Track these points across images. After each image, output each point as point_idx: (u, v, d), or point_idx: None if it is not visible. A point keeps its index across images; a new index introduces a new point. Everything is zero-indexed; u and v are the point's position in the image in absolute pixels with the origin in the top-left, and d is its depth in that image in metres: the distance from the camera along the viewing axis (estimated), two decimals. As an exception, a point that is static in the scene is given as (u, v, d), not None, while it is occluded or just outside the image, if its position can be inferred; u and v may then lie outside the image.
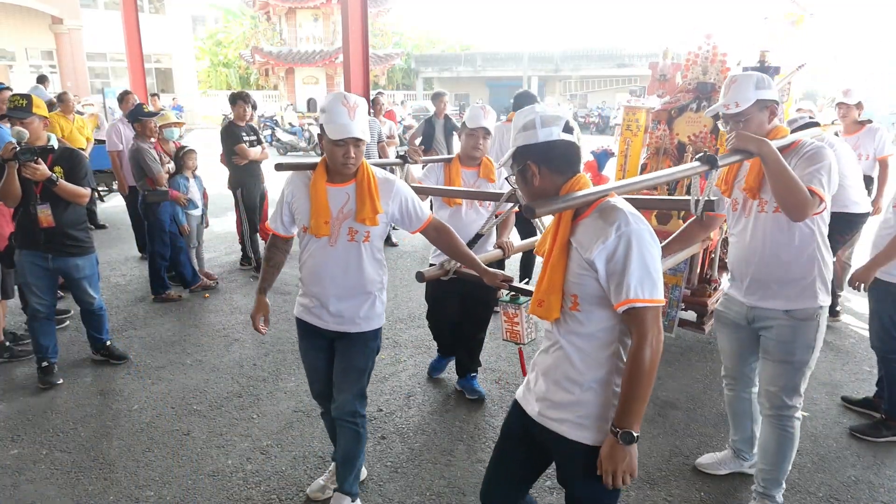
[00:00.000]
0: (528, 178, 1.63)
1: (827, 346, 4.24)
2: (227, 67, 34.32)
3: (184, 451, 2.99)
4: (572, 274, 1.59)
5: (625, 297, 1.49)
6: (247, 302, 5.08)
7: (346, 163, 2.18)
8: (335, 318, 2.36)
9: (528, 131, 1.62)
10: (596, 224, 1.55)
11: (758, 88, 2.27)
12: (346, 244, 2.28)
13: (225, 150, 5.54)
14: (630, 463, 1.54)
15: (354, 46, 7.92)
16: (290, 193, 2.36)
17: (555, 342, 1.68)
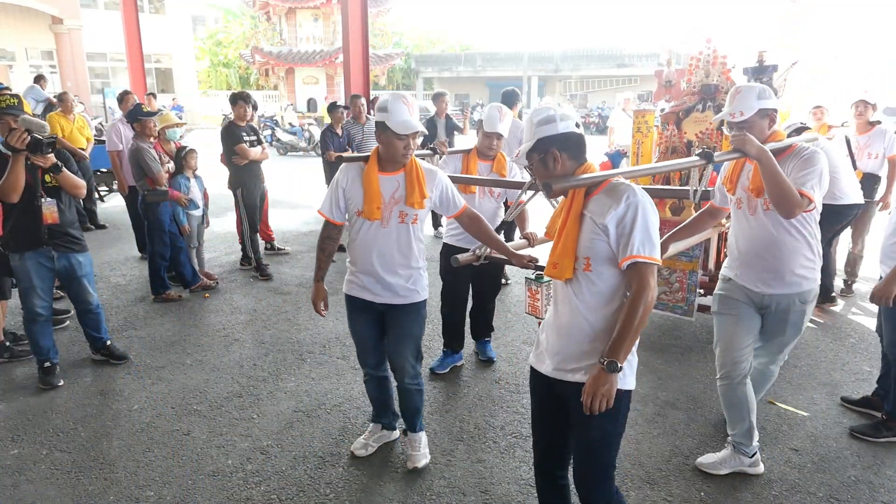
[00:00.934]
0: (551, 164, 1.90)
1: (827, 347, 4.24)
2: (227, 67, 34.33)
3: (184, 451, 2.99)
4: (585, 239, 1.86)
5: (629, 253, 1.78)
6: (247, 302, 5.08)
7: (406, 153, 2.51)
8: (388, 293, 2.64)
9: (549, 124, 1.88)
10: (608, 195, 1.85)
11: (759, 99, 2.54)
12: (397, 226, 2.58)
13: (225, 151, 5.54)
14: (609, 390, 1.80)
15: (354, 46, 7.93)
16: (344, 181, 2.63)
17: (567, 301, 1.92)
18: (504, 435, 3.14)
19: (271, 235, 6.66)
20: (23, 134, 3.15)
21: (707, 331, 4.48)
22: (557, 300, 1.99)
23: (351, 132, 6.43)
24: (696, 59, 4.31)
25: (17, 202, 3.29)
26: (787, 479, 2.79)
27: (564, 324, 1.93)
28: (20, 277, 3.51)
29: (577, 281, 1.89)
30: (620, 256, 1.81)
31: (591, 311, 1.87)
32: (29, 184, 3.29)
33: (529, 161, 1.96)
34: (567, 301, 1.92)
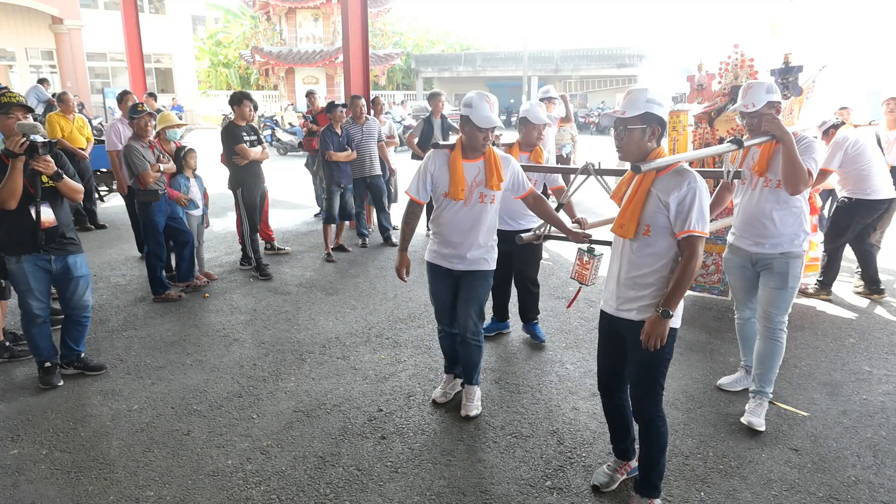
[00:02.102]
0: (647, 136, 2.32)
1: (826, 347, 4.24)
2: (227, 67, 34.31)
3: (184, 451, 2.99)
4: (649, 210, 2.33)
5: (686, 228, 2.26)
6: (247, 302, 5.08)
7: (485, 144, 3.00)
8: (466, 262, 3.14)
9: (659, 105, 2.31)
10: (674, 178, 2.31)
11: (767, 93, 3.07)
12: (478, 205, 3.07)
13: (225, 151, 5.53)
14: (662, 332, 2.31)
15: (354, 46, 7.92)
16: (432, 167, 3.10)
17: (626, 257, 2.43)
18: (504, 435, 3.14)
19: (271, 235, 6.66)
20: (20, 139, 3.13)
21: (706, 332, 4.48)
22: (618, 256, 2.48)
23: (350, 132, 6.42)
24: (725, 63, 4.69)
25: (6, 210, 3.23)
26: (787, 479, 2.79)
27: (623, 275, 2.44)
28: (17, 280, 3.43)
29: (637, 242, 2.38)
30: (678, 229, 2.29)
31: (644, 266, 2.38)
32: (26, 189, 3.26)
33: (623, 127, 2.33)
34: (626, 257, 2.43)
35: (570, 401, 3.48)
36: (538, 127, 4.01)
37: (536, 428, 3.20)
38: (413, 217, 3.19)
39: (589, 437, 3.12)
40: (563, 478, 2.80)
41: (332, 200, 6.32)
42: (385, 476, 2.81)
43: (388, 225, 7.04)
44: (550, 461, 2.92)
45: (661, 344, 2.31)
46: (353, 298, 5.18)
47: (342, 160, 6.25)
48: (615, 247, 2.52)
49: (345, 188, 6.39)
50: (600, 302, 2.62)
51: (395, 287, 5.46)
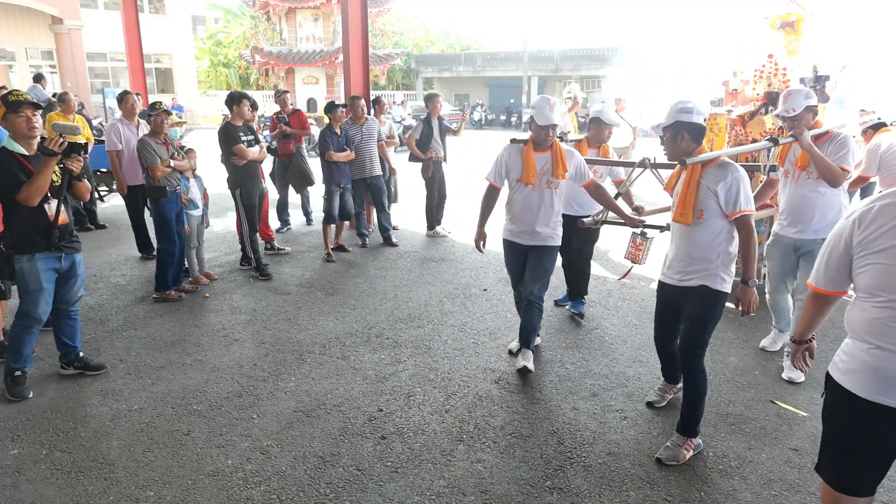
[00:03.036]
0: (678, 140, 2.84)
1: (826, 347, 4.24)
2: (227, 67, 34.31)
3: (184, 451, 2.99)
4: (700, 198, 2.83)
5: (737, 209, 2.76)
6: (247, 302, 5.08)
7: (547, 139, 3.59)
8: (535, 238, 3.71)
9: (688, 114, 2.81)
10: (719, 171, 2.81)
11: (806, 99, 3.56)
12: (544, 190, 3.65)
13: (223, 151, 5.53)
14: (752, 296, 2.81)
15: (354, 46, 7.92)
16: (507, 156, 3.72)
17: (685, 238, 2.91)
18: (504, 435, 3.14)
19: (271, 235, 6.66)
20: (58, 138, 3.19)
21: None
22: (677, 237, 2.97)
23: (349, 133, 6.42)
24: (759, 71, 5.19)
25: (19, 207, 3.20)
26: (787, 479, 2.80)
27: (682, 252, 2.93)
28: (29, 280, 3.32)
29: (693, 225, 2.86)
30: (729, 212, 2.78)
31: (701, 244, 2.86)
32: None
33: (664, 133, 2.87)
34: (685, 238, 2.91)
35: (570, 401, 3.48)
36: (609, 126, 4.53)
37: (536, 428, 3.20)
38: (491, 200, 3.83)
39: (589, 437, 3.12)
40: (563, 478, 2.80)
41: (332, 201, 6.32)
42: (385, 476, 2.81)
43: (388, 225, 7.04)
44: (550, 461, 2.92)
45: (756, 307, 2.85)
46: (353, 298, 5.18)
47: (342, 160, 6.25)
48: (675, 231, 2.99)
49: (344, 188, 6.39)
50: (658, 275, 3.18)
51: (395, 287, 5.46)
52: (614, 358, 4.04)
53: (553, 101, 3.57)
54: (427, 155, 6.98)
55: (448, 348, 4.18)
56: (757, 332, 4.37)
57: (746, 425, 3.24)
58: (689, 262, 2.90)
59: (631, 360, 4.02)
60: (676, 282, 2.97)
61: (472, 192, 10.38)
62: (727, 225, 2.83)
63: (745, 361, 3.99)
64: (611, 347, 4.21)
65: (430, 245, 7.02)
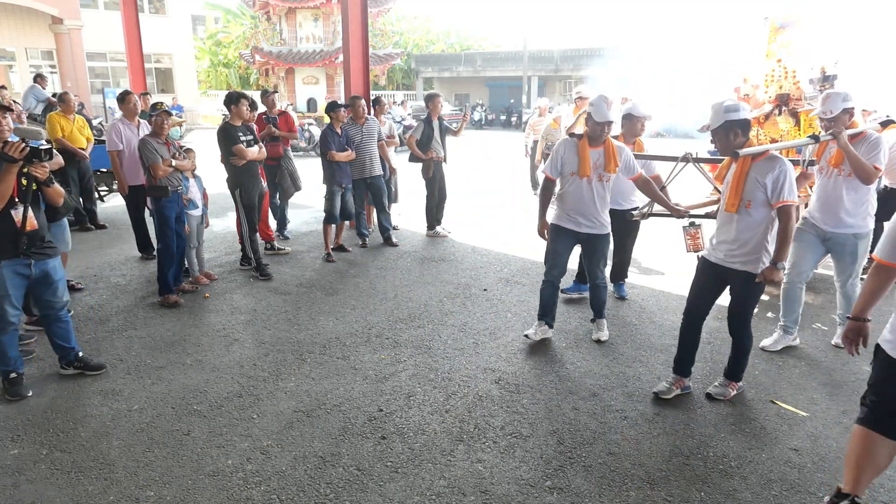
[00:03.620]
0: (732, 137, 3.16)
1: (826, 347, 4.24)
2: (227, 67, 34.31)
3: (184, 451, 2.99)
4: (748, 189, 3.17)
5: (781, 199, 3.10)
6: (247, 302, 5.08)
7: (602, 135, 3.92)
8: (588, 225, 4.08)
9: (735, 112, 3.14)
10: (768, 163, 3.14)
11: (843, 101, 3.78)
12: (597, 182, 4.00)
13: (222, 151, 5.52)
14: (778, 275, 3.16)
15: (354, 46, 7.91)
16: (562, 152, 4.03)
17: (733, 225, 3.24)
18: (504, 435, 3.14)
19: (271, 235, 6.66)
20: (20, 144, 3.07)
21: (707, 331, 4.47)
22: (725, 223, 3.30)
23: (350, 133, 6.41)
24: (769, 75, 5.52)
25: None
26: (787, 479, 2.80)
27: (730, 237, 3.26)
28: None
29: (741, 214, 3.20)
30: (774, 201, 3.11)
31: (747, 231, 3.20)
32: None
33: (716, 133, 3.19)
34: (733, 224, 3.25)
35: (569, 401, 3.48)
36: (641, 119, 4.76)
37: (536, 428, 3.20)
38: (548, 192, 4.18)
39: (589, 436, 3.12)
40: (564, 478, 2.80)
41: (334, 200, 6.32)
42: (385, 476, 2.81)
43: (389, 225, 7.04)
44: (550, 461, 2.92)
45: (781, 281, 3.41)
46: (353, 298, 5.18)
47: (343, 160, 6.25)
48: (723, 217, 3.33)
49: (345, 188, 6.39)
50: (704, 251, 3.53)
51: (395, 287, 5.46)
52: (614, 358, 4.04)
53: (610, 99, 3.84)
54: (428, 155, 6.98)
55: (448, 348, 4.18)
56: (758, 332, 4.36)
57: (747, 425, 3.24)
58: (736, 248, 3.24)
59: (631, 360, 4.02)
60: (721, 261, 3.32)
61: (473, 193, 10.39)
62: (770, 214, 3.16)
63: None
64: (611, 347, 4.21)
65: (431, 245, 7.02)
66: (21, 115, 4.93)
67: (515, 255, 6.51)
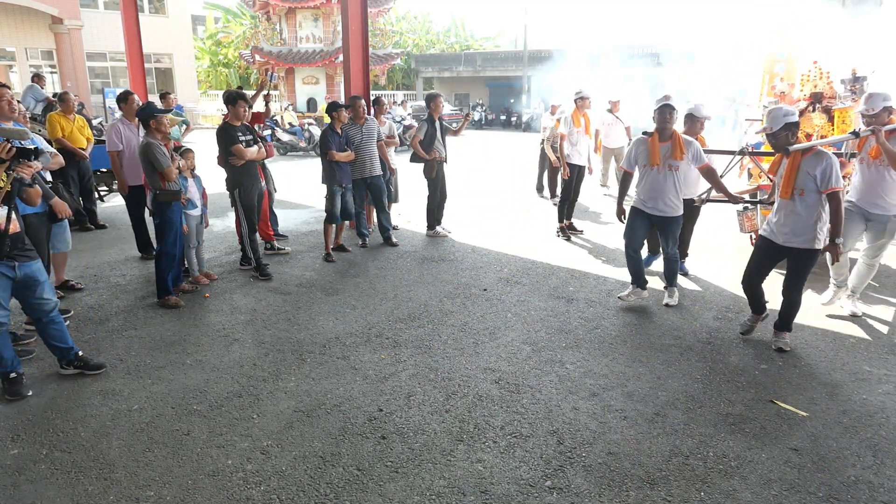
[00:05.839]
0: (789, 136, 3.87)
1: (826, 347, 4.24)
2: (227, 67, 34.29)
3: (184, 451, 2.99)
4: (800, 180, 3.84)
5: (830, 186, 3.75)
6: (247, 302, 5.08)
7: (665, 123, 4.62)
8: (661, 209, 4.69)
9: (792, 115, 3.87)
10: (816, 158, 3.81)
11: (884, 101, 4.26)
12: (666, 172, 4.63)
13: (221, 151, 5.51)
14: (837, 250, 3.87)
15: (354, 46, 7.91)
16: (636, 147, 4.76)
17: (789, 210, 3.92)
18: (504, 435, 3.14)
19: (271, 235, 6.66)
20: (5, 145, 3.05)
21: (707, 331, 4.48)
22: (783, 209, 3.95)
23: (350, 133, 6.41)
24: (805, 75, 6.00)
25: None
26: (787, 479, 2.79)
27: (790, 220, 3.92)
28: None
29: (795, 200, 3.88)
30: (823, 188, 3.76)
31: (802, 215, 3.87)
32: None
33: (777, 135, 3.87)
34: (790, 210, 3.92)
35: (570, 401, 3.48)
36: (700, 120, 5.22)
37: (536, 428, 3.20)
38: (627, 182, 4.95)
39: (589, 436, 3.12)
40: (564, 478, 2.80)
41: (334, 200, 6.32)
42: (385, 476, 2.81)
43: (388, 225, 7.04)
44: (550, 461, 2.92)
45: (839, 255, 3.98)
46: (352, 298, 5.18)
47: (343, 160, 6.25)
48: (780, 204, 3.98)
49: (345, 188, 6.39)
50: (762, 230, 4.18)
51: (395, 287, 5.46)
52: (614, 358, 4.04)
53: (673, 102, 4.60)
54: (431, 155, 6.98)
55: (448, 348, 4.18)
56: (756, 331, 4.37)
57: (746, 425, 3.24)
58: (796, 229, 3.90)
59: (631, 359, 4.02)
60: (781, 242, 3.98)
61: (473, 193, 10.39)
62: (821, 200, 3.80)
63: (745, 361, 3.99)
64: (611, 347, 4.21)
65: (431, 245, 7.02)
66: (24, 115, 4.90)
67: (515, 255, 6.51)
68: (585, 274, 5.89)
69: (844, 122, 5.53)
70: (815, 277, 5.25)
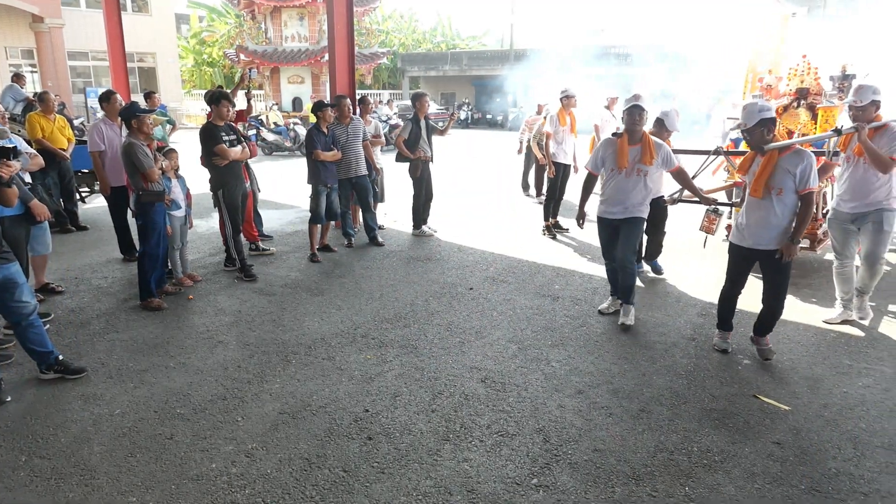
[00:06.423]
0: (766, 133, 3.67)
1: (808, 342, 4.29)
2: (211, 67, 33.96)
3: (167, 455, 2.96)
4: (778, 178, 3.64)
5: (806, 187, 3.60)
6: (231, 303, 5.03)
7: (635, 125, 4.38)
8: (625, 212, 4.45)
9: (768, 111, 3.65)
10: (796, 156, 3.63)
11: (873, 94, 4.15)
12: (635, 176, 4.40)
13: (204, 152, 5.45)
14: (795, 251, 3.67)
15: (340, 45, 7.87)
16: (604, 148, 4.51)
17: (762, 210, 3.71)
18: (490, 434, 3.14)
19: (256, 236, 6.61)
20: None
21: (692, 327, 4.51)
22: (755, 209, 3.74)
23: (336, 132, 6.38)
24: (793, 69, 5.87)
25: None
26: (770, 472, 2.82)
27: (761, 221, 3.72)
28: None
29: (771, 200, 3.67)
30: (800, 188, 3.61)
31: (778, 216, 3.68)
32: None
33: (752, 130, 3.68)
34: (762, 209, 3.71)
35: (555, 398, 3.49)
36: (668, 133, 5.25)
37: (522, 426, 3.21)
38: (590, 185, 4.64)
39: (575, 434, 3.13)
40: (550, 475, 2.80)
41: (319, 200, 6.28)
42: (371, 477, 2.80)
43: (374, 225, 7.01)
44: (537, 459, 2.92)
45: (794, 257, 3.70)
46: (338, 298, 5.16)
47: (329, 160, 6.21)
48: (751, 203, 3.76)
49: (331, 188, 6.36)
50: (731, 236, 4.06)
51: (381, 287, 5.45)
52: (600, 355, 4.06)
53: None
54: (416, 155, 6.96)
55: (434, 347, 4.18)
56: (741, 327, 4.41)
57: (730, 420, 3.27)
58: (768, 230, 3.70)
59: (616, 356, 4.04)
60: (752, 244, 3.78)
61: (459, 193, 10.39)
62: (797, 199, 3.65)
63: (729, 357, 4.02)
64: (596, 345, 4.23)
65: (417, 244, 7.01)
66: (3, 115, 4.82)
67: (502, 254, 6.52)
68: (571, 272, 5.91)
69: (828, 122, 5.35)
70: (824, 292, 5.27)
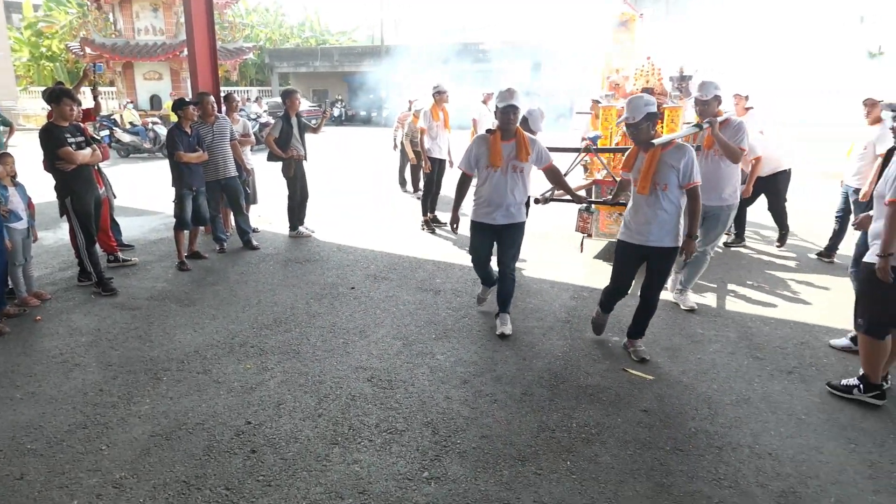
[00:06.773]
0: (651, 128, 3.66)
1: (666, 315, 4.70)
2: (51, 61, 30.52)
3: (17, 497, 2.63)
4: (662, 174, 3.60)
5: (691, 181, 3.61)
6: (88, 321, 4.58)
7: (509, 124, 4.06)
8: (506, 216, 4.16)
9: (653, 105, 3.62)
10: (678, 151, 3.62)
11: (715, 90, 4.38)
12: (511, 173, 4.12)
13: (46, 156, 4.90)
14: (694, 246, 3.73)
15: (200, 39, 7.40)
16: (476, 148, 4.19)
17: (650, 206, 3.66)
18: (379, 432, 3.12)
19: (113, 246, 6.05)
20: None
21: (566, 311, 4.77)
22: (643, 206, 3.68)
23: (200, 132, 6.00)
24: (639, 69, 6.08)
25: None
26: (640, 438, 3.06)
27: (649, 218, 3.66)
28: None
29: (657, 196, 3.63)
30: (684, 182, 3.61)
31: (666, 212, 3.64)
32: None
33: (638, 124, 3.61)
34: (650, 206, 3.66)
35: (442, 390, 3.54)
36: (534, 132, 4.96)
37: (411, 421, 3.22)
38: (464, 187, 4.32)
39: (462, 423, 3.20)
40: (440, 467, 2.84)
41: (184, 205, 5.88)
42: (257, 491, 2.67)
43: (248, 228, 6.70)
44: (426, 452, 2.95)
45: (692, 252, 3.73)
46: (212, 308, 4.87)
47: (193, 161, 5.83)
48: (638, 200, 3.71)
49: (197, 191, 5.97)
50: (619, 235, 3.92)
51: (258, 292, 5.22)
52: (482, 344, 4.18)
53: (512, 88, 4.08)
54: (288, 154, 6.73)
55: (317, 350, 4.07)
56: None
57: (603, 394, 3.51)
58: (657, 226, 3.66)
59: (498, 344, 4.18)
60: (643, 242, 3.71)
61: (335, 192, 10.21)
62: (682, 194, 3.65)
63: (601, 336, 4.30)
64: (479, 334, 4.34)
65: (294, 246, 6.79)
66: None
67: (382, 251, 6.50)
68: (451, 265, 6.02)
69: (673, 122, 5.62)
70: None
